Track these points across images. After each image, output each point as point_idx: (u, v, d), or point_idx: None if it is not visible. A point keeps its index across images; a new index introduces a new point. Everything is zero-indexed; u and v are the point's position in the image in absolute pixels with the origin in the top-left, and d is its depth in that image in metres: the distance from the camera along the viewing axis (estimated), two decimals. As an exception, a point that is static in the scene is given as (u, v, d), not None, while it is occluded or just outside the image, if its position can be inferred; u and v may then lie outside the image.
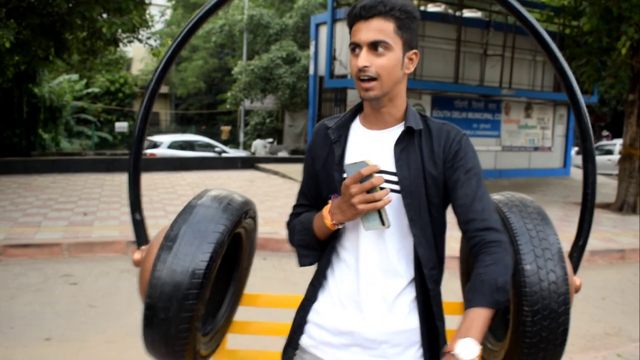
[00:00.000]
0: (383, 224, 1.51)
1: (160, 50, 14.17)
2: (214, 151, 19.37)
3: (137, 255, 2.03)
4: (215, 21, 26.02)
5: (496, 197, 1.99)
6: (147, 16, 12.58)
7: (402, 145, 1.57)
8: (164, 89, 35.58)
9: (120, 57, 16.28)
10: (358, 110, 1.71)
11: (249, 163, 16.55)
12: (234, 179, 13.43)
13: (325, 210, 1.58)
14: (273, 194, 11.04)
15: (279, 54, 22.02)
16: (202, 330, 1.95)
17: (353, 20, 1.55)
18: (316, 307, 1.67)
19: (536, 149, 16.30)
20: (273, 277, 6.07)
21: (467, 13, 15.12)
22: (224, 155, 18.67)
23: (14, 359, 3.97)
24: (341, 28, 14.46)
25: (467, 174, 1.56)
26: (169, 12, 35.73)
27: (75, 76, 22.88)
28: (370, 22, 1.52)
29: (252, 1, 26.68)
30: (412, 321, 1.59)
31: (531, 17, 1.95)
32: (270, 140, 24.80)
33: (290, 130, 24.51)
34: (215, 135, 27.06)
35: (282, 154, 21.46)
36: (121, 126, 24.53)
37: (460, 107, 14.65)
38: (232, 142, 27.58)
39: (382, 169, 1.56)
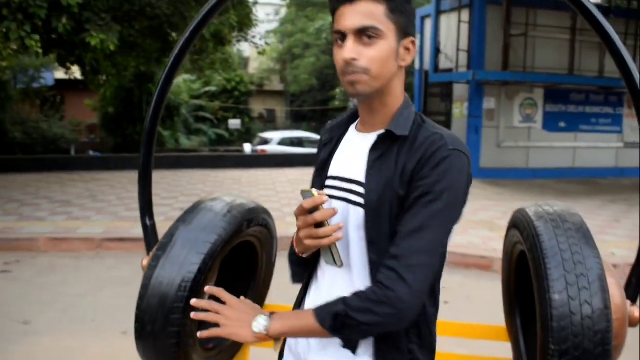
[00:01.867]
0: (335, 262, 1.33)
1: (266, 49, 14.37)
2: (323, 147, 19.44)
3: (145, 262, 1.96)
4: (326, 18, 26.16)
5: (531, 208, 1.69)
6: (252, 16, 12.85)
7: (379, 152, 1.32)
8: (279, 87, 36.46)
9: (230, 57, 16.75)
10: (357, 111, 1.47)
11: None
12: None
13: (294, 235, 1.42)
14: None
15: (388, 49, 21.72)
16: (206, 344, 1.85)
17: (336, 3, 1.29)
18: None
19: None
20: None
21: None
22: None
23: (89, 351, 4.08)
24: (446, 20, 13.94)
25: (421, 199, 1.24)
26: (283, 10, 36.48)
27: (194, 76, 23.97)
28: (357, 5, 1.25)
29: (362, -3, 26.52)
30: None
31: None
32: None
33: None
34: (325, 132, 27.20)
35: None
36: (234, 123, 25.35)
37: (576, 101, 13.61)
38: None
39: (353, 177, 1.35)
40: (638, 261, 1.70)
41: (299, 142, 20.20)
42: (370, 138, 1.35)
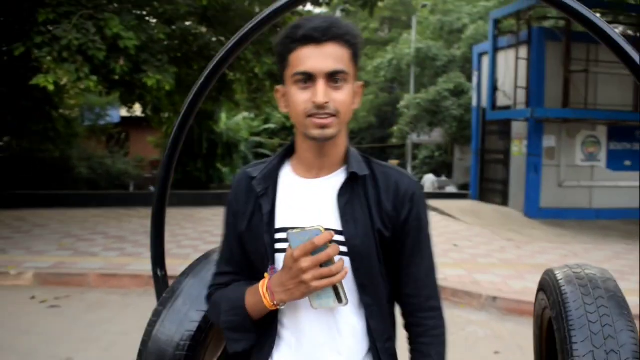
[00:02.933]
0: (340, 301, 1.24)
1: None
2: (379, 185, 19.33)
3: (153, 316, 1.90)
4: (384, 55, 26.28)
5: (561, 270, 1.53)
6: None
7: (347, 196, 1.31)
8: (337, 124, 36.68)
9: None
10: (286, 155, 1.40)
11: (409, 198, 16.16)
12: (389, 214, 13.18)
13: (263, 287, 1.28)
14: (425, 232, 10.59)
15: (446, 86, 21.54)
16: None
17: (298, 43, 1.24)
18: None
19: None
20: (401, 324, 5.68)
21: None
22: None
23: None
24: (504, 57, 13.71)
25: (419, 237, 1.36)
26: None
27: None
28: (325, 48, 1.24)
29: (419, 34, 26.58)
30: None
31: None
32: (442, 177, 24.22)
33: (459, 164, 23.76)
34: (383, 169, 27.09)
35: (450, 188, 20.79)
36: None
37: (642, 138, 13.04)
38: (400, 176, 27.43)
39: (325, 226, 1.27)
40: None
41: (357, 180, 20.13)
42: (330, 184, 1.33)
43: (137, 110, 15.12)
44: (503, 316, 5.94)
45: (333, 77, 1.25)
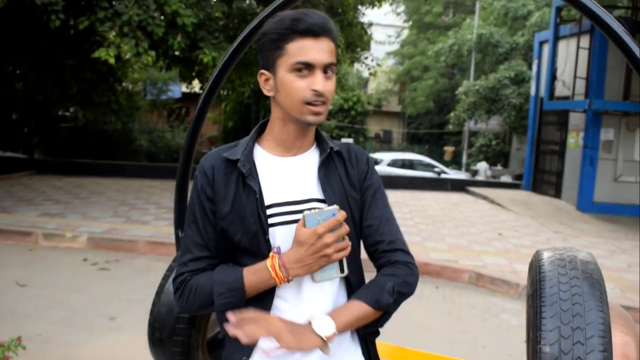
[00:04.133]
0: (342, 271, 1.42)
1: (377, 70, 14.48)
2: (434, 171, 19.21)
3: (171, 272, 2.06)
4: (445, 40, 25.88)
5: (548, 251, 1.59)
6: (365, 38, 13.03)
7: (324, 169, 1.50)
8: (396, 108, 36.46)
9: (344, 76, 17.00)
10: (257, 137, 1.53)
11: (460, 186, 16.03)
12: (438, 200, 13.13)
13: (273, 265, 1.38)
14: (472, 220, 10.54)
15: (506, 74, 21.08)
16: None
17: (298, 34, 1.37)
18: None
19: None
20: (438, 308, 5.74)
21: None
22: (443, 176, 18.40)
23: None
24: (565, 46, 13.34)
25: (375, 194, 1.53)
26: (405, 32, 36.54)
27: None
28: (321, 42, 1.39)
29: (483, 20, 26.02)
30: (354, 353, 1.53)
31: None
32: (498, 166, 23.80)
33: (517, 154, 23.27)
34: (438, 155, 26.85)
35: (505, 178, 20.44)
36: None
37: None
38: (456, 163, 27.11)
39: (308, 197, 1.46)
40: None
41: (409, 164, 20.03)
42: (307, 160, 1.50)
43: (197, 86, 15.46)
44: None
45: (326, 69, 1.39)
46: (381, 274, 1.46)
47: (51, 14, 7.62)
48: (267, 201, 1.45)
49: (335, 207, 1.36)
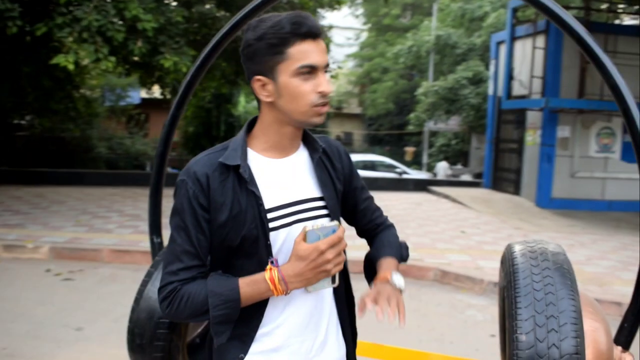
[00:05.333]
0: (333, 282, 1.46)
1: (338, 73, 14.56)
2: (395, 172, 19.39)
3: (149, 278, 2.05)
4: (404, 42, 26.19)
5: (518, 244, 1.65)
6: (325, 41, 13.09)
7: (319, 166, 1.55)
8: (356, 110, 36.70)
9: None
10: (245, 139, 1.49)
11: (422, 185, 16.24)
12: (400, 200, 13.26)
13: (272, 279, 1.37)
14: (435, 218, 10.69)
15: (464, 75, 21.45)
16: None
17: (299, 37, 1.35)
18: None
19: None
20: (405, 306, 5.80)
21: None
22: (404, 176, 18.58)
23: None
24: (521, 46, 13.65)
25: (360, 180, 1.69)
26: (364, 34, 36.81)
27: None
28: (319, 43, 1.39)
29: (440, 21, 26.42)
30: (342, 333, 1.62)
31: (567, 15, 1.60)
32: (458, 165, 24.16)
33: (476, 153, 23.68)
34: (399, 156, 27.11)
35: (465, 177, 20.78)
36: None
37: (659, 131, 12.89)
38: (417, 163, 27.43)
39: (310, 196, 1.50)
40: (631, 306, 1.63)
41: (371, 166, 20.17)
42: (299, 160, 1.53)
43: (157, 91, 15.31)
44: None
45: (325, 69, 1.41)
46: (387, 234, 1.70)
47: (7, 20, 7.45)
48: (267, 205, 1.43)
49: (335, 223, 1.37)
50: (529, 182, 13.35)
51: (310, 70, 1.36)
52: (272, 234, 1.42)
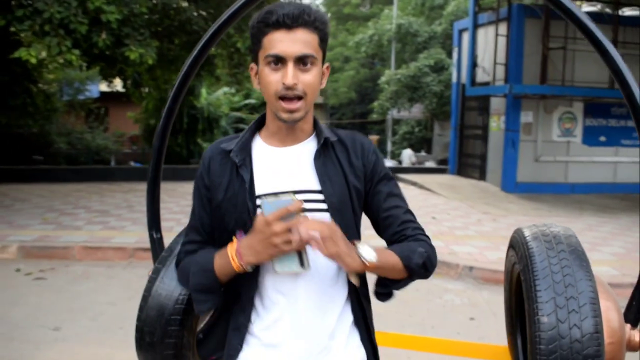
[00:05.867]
0: (302, 265, 1.35)
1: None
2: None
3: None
4: (365, 31, 26.25)
5: (528, 228, 1.67)
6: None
7: (322, 159, 1.46)
8: (318, 99, 36.69)
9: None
10: (257, 128, 1.53)
11: (389, 173, 16.34)
12: (369, 189, 13.33)
13: (232, 249, 1.39)
14: (405, 206, 10.77)
15: (426, 62, 21.63)
16: (209, 355, 1.88)
17: (271, 27, 1.36)
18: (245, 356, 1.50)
19: None
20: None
21: (627, 11, 13.72)
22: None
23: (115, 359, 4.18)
24: (484, 33, 13.83)
25: (388, 184, 1.52)
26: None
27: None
28: (295, 33, 1.36)
29: (401, 10, 26.55)
30: (354, 346, 1.52)
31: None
32: (422, 152, 24.40)
33: (439, 140, 23.97)
34: (363, 145, 27.24)
35: (430, 163, 21.01)
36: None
37: (617, 115, 13.28)
38: (381, 151, 27.61)
39: (304, 187, 1.43)
40: (639, 284, 1.67)
41: (337, 156, 20.22)
42: (303, 150, 1.47)
43: (118, 85, 14.99)
44: (479, 285, 6.15)
45: (302, 61, 1.36)
46: (410, 241, 1.47)
47: (-38, 13, 7.19)
48: (258, 191, 1.44)
49: (291, 195, 1.31)
50: (494, 167, 13.58)
51: (277, 60, 1.36)
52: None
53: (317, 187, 1.44)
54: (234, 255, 1.38)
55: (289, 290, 1.45)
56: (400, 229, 1.49)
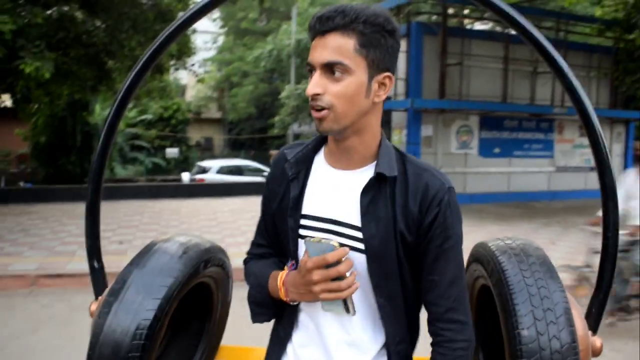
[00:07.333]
0: (348, 311, 1.27)
1: (205, 77, 14.29)
2: (263, 175, 19.39)
3: (94, 307, 1.84)
4: (264, 46, 26.32)
5: (493, 242, 1.69)
6: (191, 44, 12.78)
7: (371, 194, 1.27)
8: (216, 114, 36.20)
9: (167, 85, 16.57)
10: (322, 140, 1.38)
11: (294, 187, 16.38)
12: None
13: (280, 279, 1.33)
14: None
15: (327, 78, 21.98)
16: None
17: (310, 32, 1.25)
18: None
19: (592, 169, 15.53)
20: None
21: (477, 25, 14.70)
22: (272, 179, 18.61)
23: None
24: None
25: (444, 246, 1.27)
26: (221, 38, 36.46)
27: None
28: (327, 39, 1.20)
29: (299, 25, 26.88)
30: None
31: (528, 23, 1.66)
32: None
33: (339, 153, 24.42)
34: (265, 160, 27.20)
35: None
36: (172, 152, 24.95)
37: (509, 127, 14.10)
38: (282, 166, 27.66)
39: (345, 221, 1.29)
40: (597, 291, 1.72)
41: (238, 171, 20.00)
42: (356, 179, 1.30)
43: (6, 100, 14.06)
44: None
45: (330, 69, 1.21)
46: (437, 352, 1.30)
47: None
48: (305, 210, 1.34)
49: (334, 242, 1.21)
50: (397, 179, 13.91)
51: (311, 69, 1.25)
52: (301, 241, 1.35)
53: (357, 223, 1.28)
54: (281, 286, 1.34)
55: (310, 310, 1.39)
56: (434, 301, 1.31)
